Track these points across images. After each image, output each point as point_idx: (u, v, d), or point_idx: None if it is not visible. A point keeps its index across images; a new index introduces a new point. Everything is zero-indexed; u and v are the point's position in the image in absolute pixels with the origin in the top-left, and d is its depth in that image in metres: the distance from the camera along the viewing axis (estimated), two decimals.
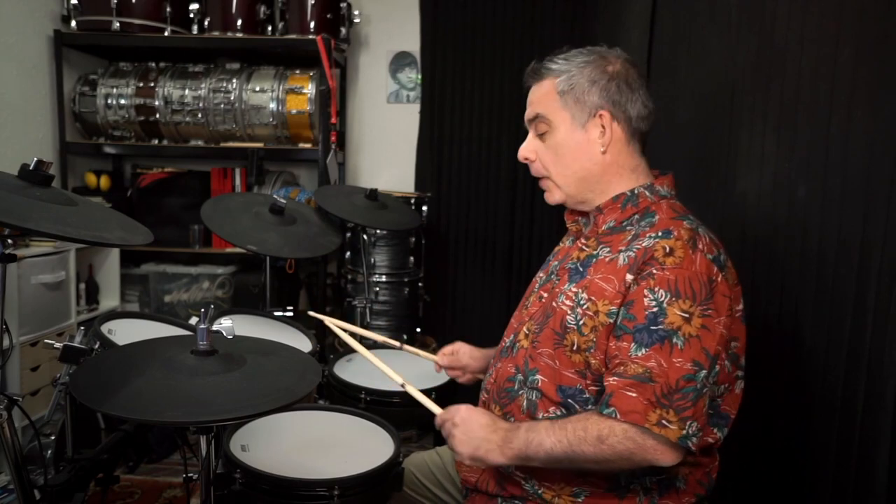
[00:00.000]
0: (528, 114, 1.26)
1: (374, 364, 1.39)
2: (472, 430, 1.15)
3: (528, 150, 1.26)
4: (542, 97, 1.23)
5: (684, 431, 1.02)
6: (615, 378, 1.06)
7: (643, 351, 1.04)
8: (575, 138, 1.21)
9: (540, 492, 1.16)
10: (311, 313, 1.73)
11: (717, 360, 1.05)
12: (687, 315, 1.04)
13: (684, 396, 1.02)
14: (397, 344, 1.63)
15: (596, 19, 3.20)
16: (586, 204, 1.24)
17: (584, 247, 1.24)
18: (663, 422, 1.02)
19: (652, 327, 1.05)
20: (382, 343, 1.66)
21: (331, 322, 1.59)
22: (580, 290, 1.16)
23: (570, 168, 1.22)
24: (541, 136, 1.24)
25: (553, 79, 1.22)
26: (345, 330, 1.56)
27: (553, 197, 1.26)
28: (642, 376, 1.03)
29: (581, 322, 1.13)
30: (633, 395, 1.03)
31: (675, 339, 1.03)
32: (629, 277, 1.10)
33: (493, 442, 1.13)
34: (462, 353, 1.52)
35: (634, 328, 1.06)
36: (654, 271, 1.07)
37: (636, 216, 1.20)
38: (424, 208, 3.10)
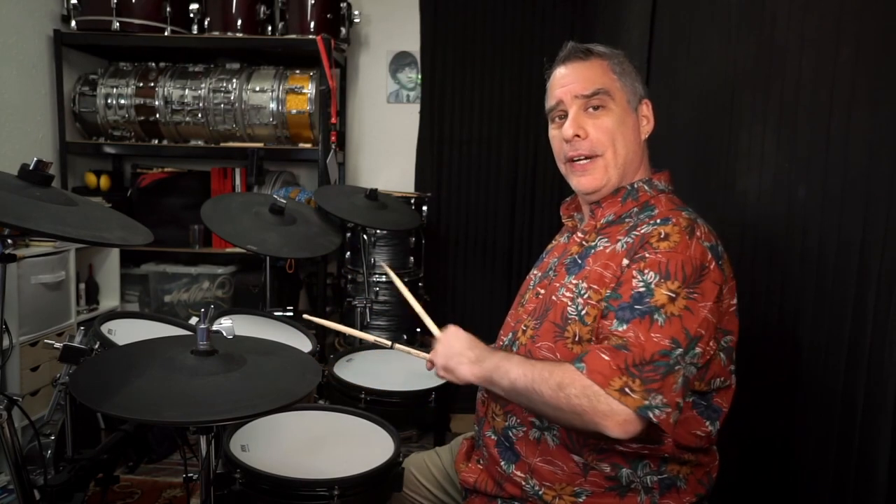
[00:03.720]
0: (584, 88, 1.20)
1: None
2: (451, 344, 1.21)
3: (577, 125, 1.20)
4: (601, 74, 1.21)
5: (646, 402, 0.99)
6: (595, 344, 1.07)
7: (623, 326, 1.05)
8: (631, 119, 1.22)
9: (540, 492, 1.16)
10: (306, 316, 1.75)
11: (697, 341, 1.04)
12: (673, 295, 1.04)
13: (655, 370, 1.01)
14: (388, 343, 1.63)
15: (596, 19, 3.21)
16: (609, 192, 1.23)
17: (582, 241, 1.25)
18: (626, 389, 1.00)
19: (636, 306, 1.05)
20: (373, 343, 1.66)
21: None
22: (580, 281, 1.17)
23: (625, 148, 1.21)
24: (595, 112, 1.20)
25: (604, 60, 1.22)
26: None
27: (597, 180, 1.21)
28: (618, 344, 1.03)
29: (583, 312, 1.13)
30: (606, 357, 1.02)
31: (655, 316, 1.03)
32: (625, 262, 1.11)
33: (466, 356, 1.18)
34: None
35: (619, 306, 1.07)
36: (647, 255, 1.08)
37: (635, 209, 1.22)
38: (424, 208, 3.10)
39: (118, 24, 2.99)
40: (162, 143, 3.23)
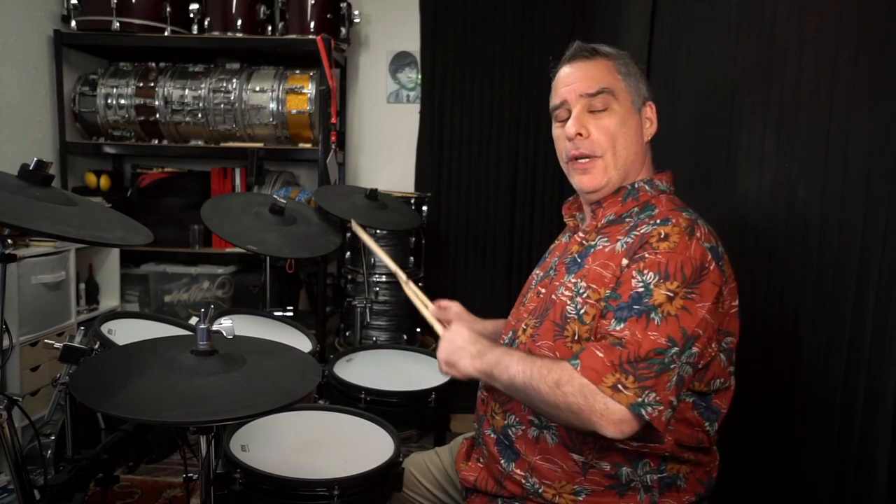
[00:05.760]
0: (588, 87, 1.20)
1: (386, 261, 1.55)
2: (453, 339, 1.22)
3: (580, 124, 1.20)
4: (605, 74, 1.21)
5: (639, 399, 1.00)
6: (593, 342, 1.08)
7: (621, 325, 1.05)
8: (634, 120, 1.23)
9: (540, 490, 1.16)
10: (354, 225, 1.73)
11: (694, 341, 1.04)
12: (671, 294, 1.05)
13: (649, 367, 1.01)
14: (403, 277, 1.57)
15: (596, 19, 3.21)
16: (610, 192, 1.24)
17: (583, 241, 1.25)
18: (619, 385, 1.00)
19: (634, 306, 1.05)
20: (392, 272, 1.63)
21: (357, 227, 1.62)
22: (579, 280, 1.17)
23: (627, 149, 1.21)
24: (598, 112, 1.20)
25: (610, 60, 1.23)
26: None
27: (598, 179, 1.21)
28: (614, 342, 1.04)
29: (582, 311, 1.13)
30: (600, 354, 1.03)
31: (653, 315, 1.04)
32: (624, 262, 1.11)
33: (468, 351, 1.18)
34: (451, 311, 1.48)
35: (617, 306, 1.07)
36: (647, 255, 1.08)
37: (636, 209, 1.22)
38: (424, 208, 3.10)
39: (118, 24, 2.99)
40: (162, 143, 3.23)
